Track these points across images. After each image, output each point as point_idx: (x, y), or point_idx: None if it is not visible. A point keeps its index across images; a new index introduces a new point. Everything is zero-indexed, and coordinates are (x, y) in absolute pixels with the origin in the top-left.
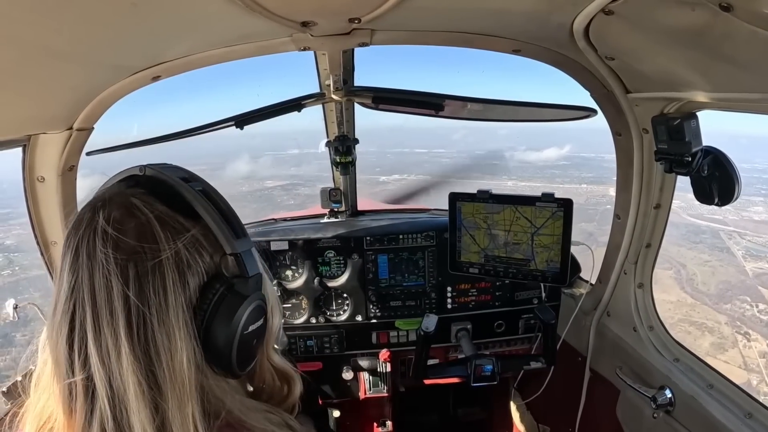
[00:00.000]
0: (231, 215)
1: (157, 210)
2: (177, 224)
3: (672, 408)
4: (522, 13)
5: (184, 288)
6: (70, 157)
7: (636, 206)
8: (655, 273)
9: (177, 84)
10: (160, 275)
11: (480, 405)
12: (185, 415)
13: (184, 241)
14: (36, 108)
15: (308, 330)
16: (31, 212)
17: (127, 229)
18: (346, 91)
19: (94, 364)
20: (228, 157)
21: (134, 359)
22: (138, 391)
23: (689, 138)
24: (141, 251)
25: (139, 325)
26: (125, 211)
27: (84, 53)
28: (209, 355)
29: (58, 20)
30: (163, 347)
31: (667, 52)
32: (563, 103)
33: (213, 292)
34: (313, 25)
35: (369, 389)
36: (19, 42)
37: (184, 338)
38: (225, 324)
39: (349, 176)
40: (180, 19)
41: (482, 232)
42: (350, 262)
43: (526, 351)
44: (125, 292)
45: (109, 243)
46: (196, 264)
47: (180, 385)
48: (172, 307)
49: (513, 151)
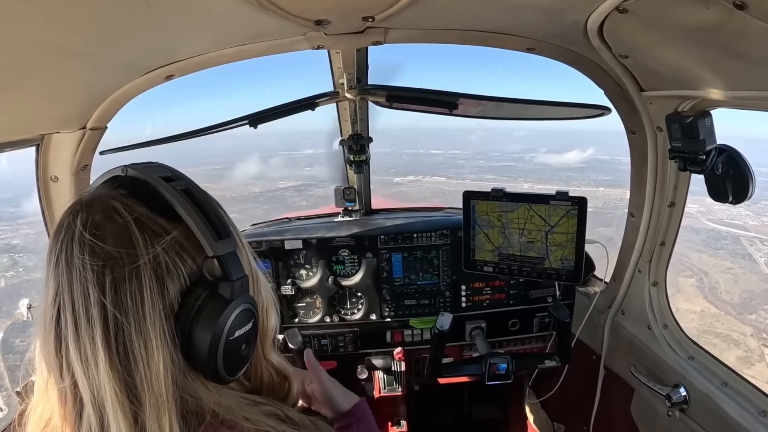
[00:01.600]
0: (215, 215)
1: (137, 212)
2: (157, 227)
3: (686, 406)
4: (536, 12)
5: (162, 295)
6: (84, 157)
7: (650, 204)
8: (678, 281)
9: (190, 83)
10: (137, 282)
11: (494, 403)
12: (162, 426)
13: (164, 244)
14: (49, 107)
15: (322, 329)
16: (45, 212)
17: (105, 234)
18: (359, 90)
19: (76, 371)
20: (241, 156)
21: (111, 368)
22: (116, 400)
23: (703, 136)
24: (118, 257)
25: (117, 334)
26: (104, 215)
27: (97, 52)
28: (193, 362)
29: (71, 20)
30: (140, 356)
31: (681, 50)
32: (577, 101)
33: (195, 297)
34: (327, 23)
35: (383, 388)
36: (32, 41)
37: (161, 347)
38: (208, 331)
39: (362, 175)
40: (193, 17)
41: (496, 231)
42: (364, 260)
43: (541, 349)
44: (101, 299)
45: (85, 249)
46: (176, 268)
47: (157, 394)
48: (149, 315)
49: (533, 153)
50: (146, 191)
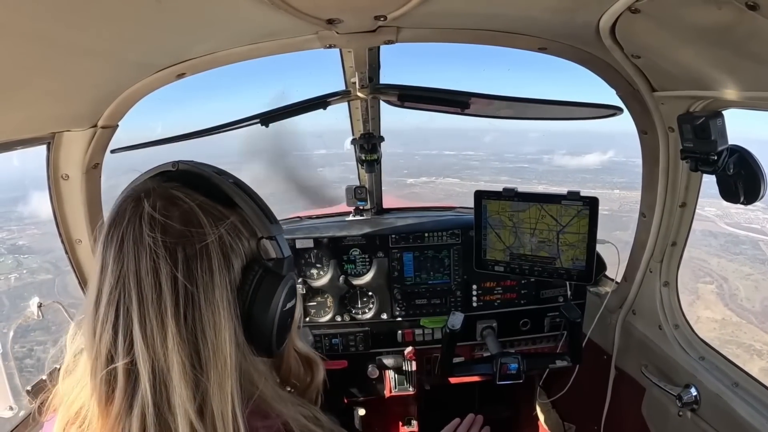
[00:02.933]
0: (263, 204)
1: (198, 199)
2: (217, 212)
3: (697, 406)
4: (548, 11)
5: (228, 269)
6: (95, 155)
7: (661, 205)
8: (698, 287)
9: (202, 81)
10: (207, 257)
11: (505, 403)
12: (225, 392)
13: (226, 227)
14: (60, 105)
15: (333, 328)
16: (56, 210)
17: (173, 216)
18: (371, 89)
19: (138, 348)
20: (252, 156)
21: (180, 340)
22: (181, 370)
23: (715, 137)
24: (189, 235)
25: (186, 306)
26: (167, 201)
27: (109, 50)
28: (250, 333)
29: (82, 17)
30: (209, 325)
31: (693, 51)
32: (589, 101)
33: (253, 273)
34: (339, 22)
35: (394, 387)
36: (43, 39)
37: (228, 317)
38: (266, 302)
39: (374, 174)
40: (205, 16)
41: (508, 230)
42: (375, 260)
43: (552, 349)
44: (174, 273)
45: (157, 228)
46: (238, 247)
47: (222, 362)
48: (218, 287)
49: (550, 155)
50: (201, 182)
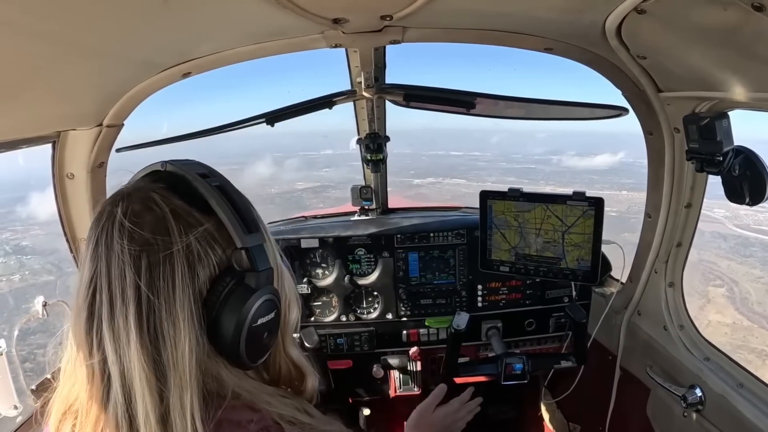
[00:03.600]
0: (245, 211)
1: (174, 204)
2: (191, 218)
3: (702, 407)
4: (554, 12)
5: (192, 280)
6: (100, 154)
7: (667, 205)
8: (708, 290)
9: (207, 81)
10: (170, 266)
11: (510, 403)
12: (184, 404)
13: (196, 234)
14: (66, 104)
15: (338, 328)
16: (60, 209)
17: (143, 222)
18: (377, 89)
19: (107, 348)
20: (257, 156)
21: (141, 346)
22: (143, 377)
23: (720, 137)
24: (154, 243)
25: (148, 314)
26: (143, 205)
27: (114, 50)
28: (218, 346)
29: (88, 17)
30: (168, 336)
31: (698, 52)
32: (594, 101)
33: (223, 285)
34: (345, 22)
35: (399, 387)
36: (49, 38)
37: (188, 328)
38: (233, 316)
39: (380, 174)
40: (211, 15)
41: (513, 231)
42: (381, 260)
43: (557, 350)
44: (137, 281)
45: (125, 234)
46: (207, 257)
47: (181, 373)
48: (179, 298)
49: (560, 156)
50: (183, 186)
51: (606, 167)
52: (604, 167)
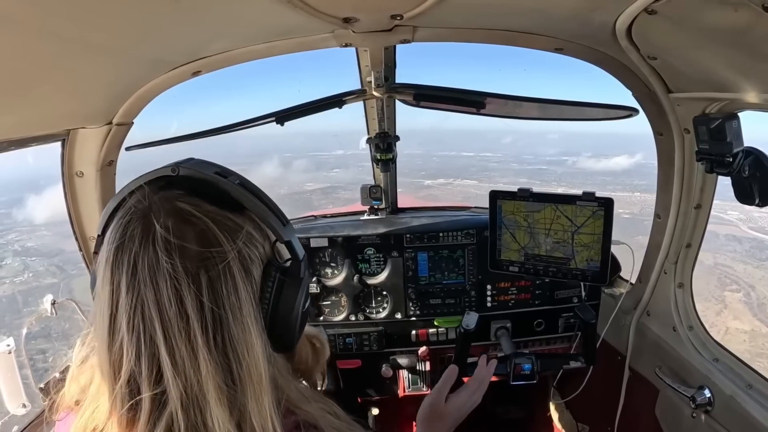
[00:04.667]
0: (273, 205)
1: (209, 212)
2: (231, 223)
3: (711, 408)
4: (564, 12)
5: (251, 283)
6: (110, 152)
7: (677, 206)
8: (725, 296)
9: (217, 79)
10: (231, 276)
11: (519, 403)
12: (263, 406)
13: (243, 238)
14: (75, 102)
15: (347, 327)
16: (70, 207)
17: (188, 236)
18: (387, 88)
19: (168, 376)
20: (267, 156)
21: (214, 364)
22: (217, 394)
23: (730, 138)
24: (210, 256)
25: (215, 329)
26: (178, 218)
27: (124, 47)
28: (274, 338)
29: (98, 14)
30: (241, 344)
31: (709, 52)
32: (605, 102)
33: (271, 280)
34: (355, 21)
35: (408, 387)
36: (59, 36)
37: (257, 332)
38: (289, 308)
39: (389, 173)
40: (221, 14)
41: (522, 231)
42: (390, 259)
43: (566, 350)
44: (200, 298)
45: (174, 252)
46: (255, 256)
47: (258, 378)
48: (245, 304)
49: (575, 157)
50: (207, 189)
51: (621, 169)
52: (620, 169)
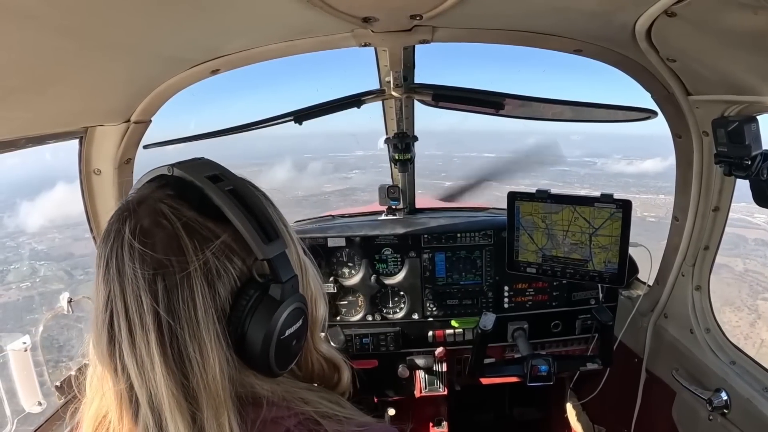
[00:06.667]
0: (262, 217)
1: (185, 217)
2: (206, 231)
3: (728, 410)
4: (584, 13)
5: (213, 299)
6: (127, 150)
7: (695, 208)
8: (757, 305)
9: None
10: (189, 288)
11: (536, 405)
12: (221, 424)
13: (213, 249)
14: (93, 100)
15: (364, 328)
16: (87, 205)
17: (154, 242)
18: (406, 88)
19: (132, 374)
20: (284, 157)
21: (168, 372)
22: (173, 402)
23: (749, 141)
24: (168, 264)
25: (171, 339)
26: (151, 220)
27: (143, 45)
28: (246, 360)
29: (118, 12)
30: (196, 361)
31: (728, 55)
32: (624, 104)
33: (246, 299)
34: (375, 20)
35: (425, 387)
36: (78, 34)
37: (216, 350)
38: (260, 332)
39: (407, 174)
40: (241, 12)
41: (540, 232)
42: (407, 259)
43: (583, 351)
44: (155, 306)
45: (135, 257)
46: (226, 271)
47: (214, 395)
48: (203, 321)
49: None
50: (193, 192)
51: (655, 172)
52: (653, 172)
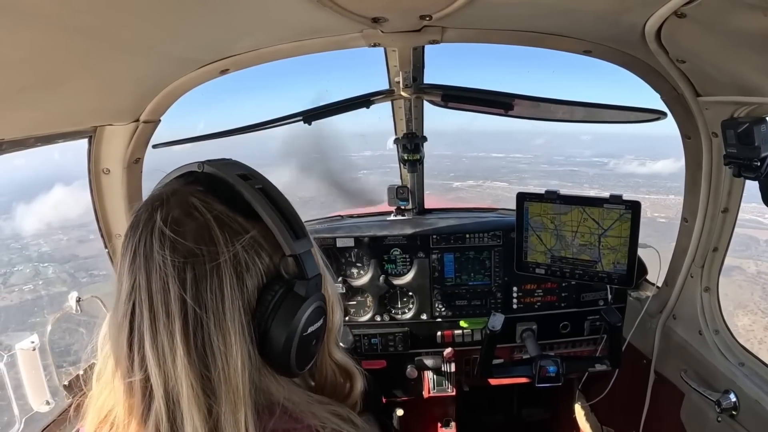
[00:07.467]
0: (290, 215)
1: (216, 210)
2: (236, 225)
3: (736, 412)
4: (593, 14)
5: (241, 291)
6: (137, 150)
7: (704, 210)
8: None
9: (245, 78)
10: (218, 278)
11: (544, 406)
12: (238, 419)
13: (243, 242)
14: (103, 99)
15: (373, 328)
16: (96, 204)
17: (186, 231)
18: (415, 89)
19: (150, 365)
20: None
21: (189, 363)
22: (191, 394)
23: (758, 142)
24: (199, 254)
25: (195, 329)
26: (183, 211)
27: (153, 45)
28: (267, 357)
29: (128, 12)
30: (219, 351)
31: (738, 56)
32: (633, 105)
33: (272, 294)
34: (384, 21)
35: (433, 388)
36: (87, 33)
37: (240, 342)
38: (284, 327)
39: (416, 174)
40: (250, 12)
41: (549, 233)
42: (416, 260)
43: (591, 353)
44: (182, 295)
45: (166, 245)
46: (254, 266)
47: (234, 389)
48: (229, 311)
49: (617, 159)
50: (224, 189)
51: (668, 173)
52: (666, 173)
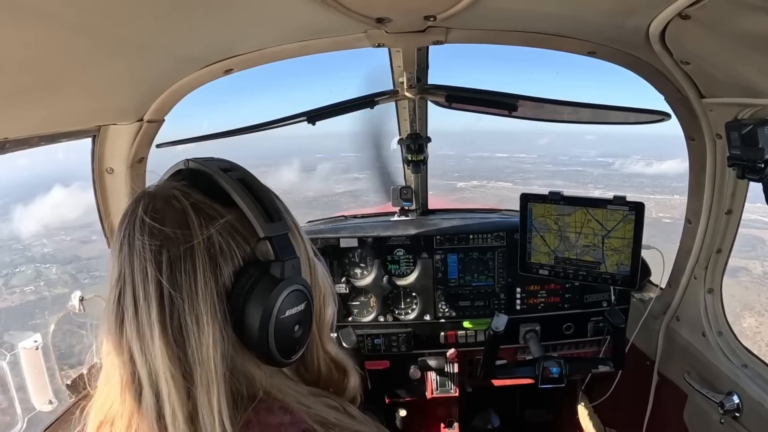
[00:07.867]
0: (267, 200)
1: (194, 198)
2: (212, 211)
3: (739, 414)
4: (598, 15)
5: (215, 273)
6: (140, 149)
7: (707, 211)
8: None
9: (249, 78)
10: (191, 260)
11: (547, 407)
12: (212, 403)
13: (217, 226)
14: (107, 99)
15: (376, 328)
16: (99, 204)
17: (164, 217)
18: (419, 89)
19: (134, 347)
20: (296, 156)
21: (165, 344)
22: (168, 375)
23: (762, 144)
24: (174, 237)
25: (172, 310)
26: (164, 201)
27: (156, 45)
28: (245, 340)
29: (131, 11)
30: (192, 332)
31: (742, 58)
32: (637, 106)
33: (246, 276)
34: (388, 21)
35: (436, 389)
36: (92, 32)
37: (211, 323)
38: (258, 308)
39: (420, 174)
40: (254, 12)
41: (553, 234)
42: (420, 260)
43: (595, 354)
44: (158, 277)
45: (145, 231)
46: (230, 249)
47: (207, 369)
48: (202, 292)
49: (622, 159)
50: (205, 180)
51: (675, 173)
52: (673, 173)
